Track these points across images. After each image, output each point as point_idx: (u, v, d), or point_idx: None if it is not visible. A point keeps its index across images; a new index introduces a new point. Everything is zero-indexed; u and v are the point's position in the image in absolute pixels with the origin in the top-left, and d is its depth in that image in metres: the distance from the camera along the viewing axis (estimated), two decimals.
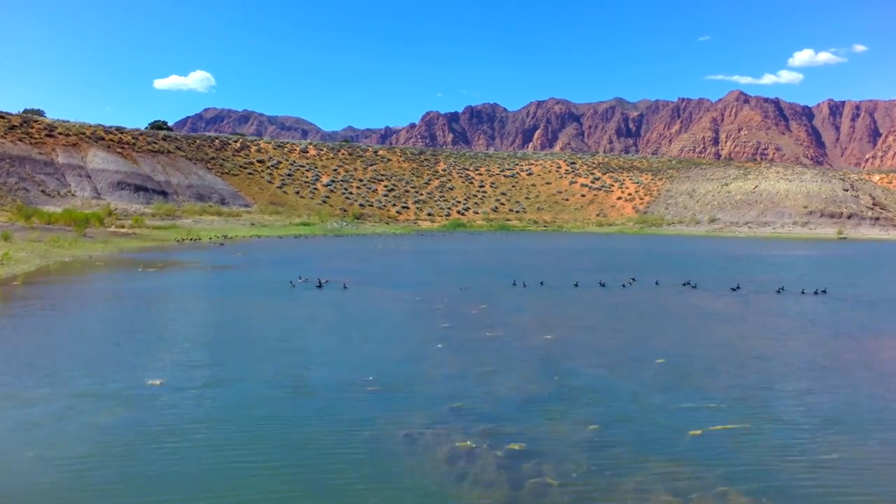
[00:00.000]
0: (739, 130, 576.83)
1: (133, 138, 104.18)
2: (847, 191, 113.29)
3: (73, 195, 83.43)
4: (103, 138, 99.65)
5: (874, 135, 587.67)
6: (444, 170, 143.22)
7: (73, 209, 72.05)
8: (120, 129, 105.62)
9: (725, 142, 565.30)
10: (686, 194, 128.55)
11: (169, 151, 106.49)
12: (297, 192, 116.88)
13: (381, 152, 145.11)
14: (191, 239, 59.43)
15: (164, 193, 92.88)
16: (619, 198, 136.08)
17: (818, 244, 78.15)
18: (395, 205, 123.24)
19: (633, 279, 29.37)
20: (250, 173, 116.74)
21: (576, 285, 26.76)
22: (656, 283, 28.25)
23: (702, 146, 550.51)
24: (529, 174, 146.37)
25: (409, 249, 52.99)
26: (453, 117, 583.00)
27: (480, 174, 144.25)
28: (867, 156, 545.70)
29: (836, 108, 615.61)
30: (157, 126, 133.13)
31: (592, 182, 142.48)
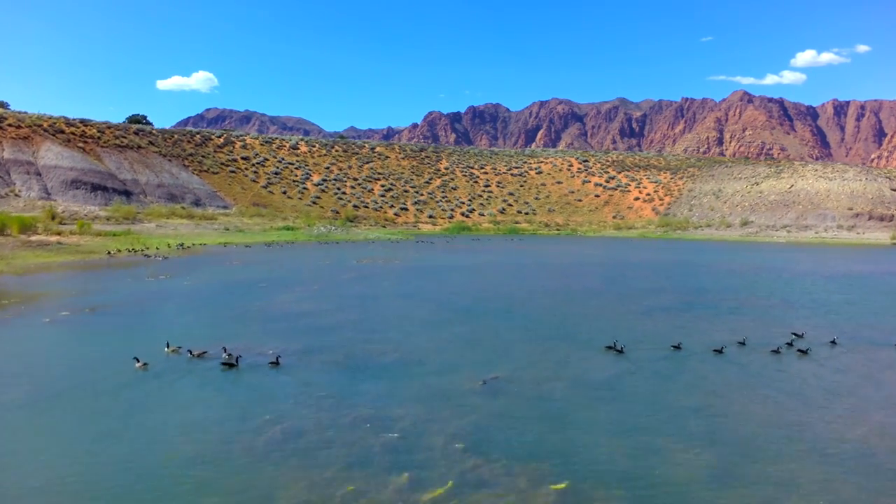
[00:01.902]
0: (744, 130, 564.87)
1: (99, 132, 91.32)
2: (895, 191, 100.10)
3: (16, 195, 70.57)
4: (63, 131, 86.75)
5: (879, 135, 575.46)
6: (446, 168, 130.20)
7: (7, 212, 59.46)
8: (85, 122, 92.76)
9: (730, 142, 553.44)
10: (711, 194, 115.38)
11: (139, 146, 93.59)
12: (285, 192, 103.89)
13: (378, 149, 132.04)
14: (132, 250, 46.55)
15: (127, 193, 79.97)
16: (637, 198, 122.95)
17: (882, 252, 65.10)
18: (392, 206, 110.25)
19: (798, 335, 16.82)
20: (232, 171, 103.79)
21: (719, 351, 14.24)
22: (833, 343, 15.68)
23: (706, 146, 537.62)
24: (539, 173, 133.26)
25: (404, 266, 40.05)
26: (456, 117, 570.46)
27: (486, 173, 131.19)
28: (872, 156, 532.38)
29: (840, 108, 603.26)
30: (136, 120, 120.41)
31: (607, 181, 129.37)
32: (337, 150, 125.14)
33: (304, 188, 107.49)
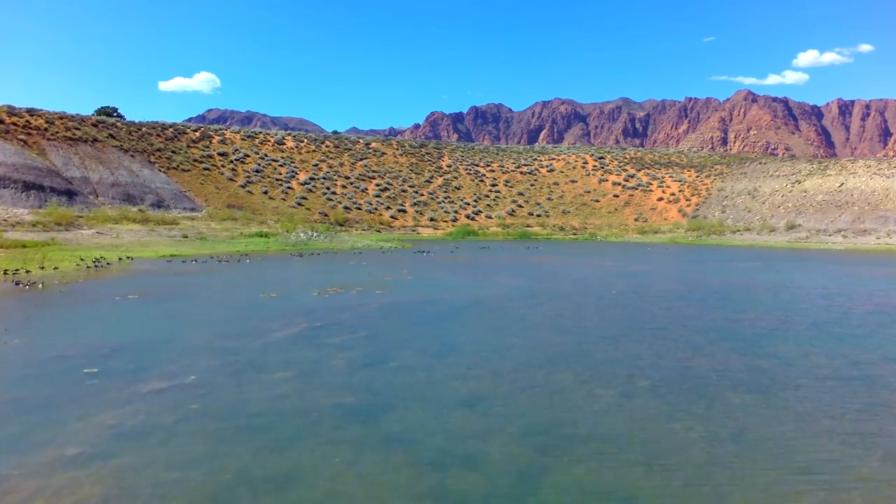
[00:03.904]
0: (748, 130, 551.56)
1: (47, 122, 77.44)
2: None
3: None
4: (3, 121, 72.97)
5: (885, 134, 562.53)
6: (448, 165, 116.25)
7: None
8: (32, 111, 78.90)
9: (734, 141, 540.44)
10: (746, 194, 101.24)
11: (96, 140, 79.68)
12: (266, 193, 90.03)
13: (373, 144, 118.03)
14: (11, 271, 32.54)
15: (70, 194, 66.06)
16: (661, 199, 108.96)
17: None
18: (388, 207, 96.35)
19: None
20: (206, 168, 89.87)
21: None
22: None
23: (710, 146, 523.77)
24: (551, 170, 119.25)
25: (387, 302, 26.15)
26: (458, 118, 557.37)
27: (492, 171, 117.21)
28: (878, 155, 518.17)
29: (845, 108, 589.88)
30: (106, 112, 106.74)
31: (626, 180, 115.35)
32: (327, 146, 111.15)
33: (289, 187, 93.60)
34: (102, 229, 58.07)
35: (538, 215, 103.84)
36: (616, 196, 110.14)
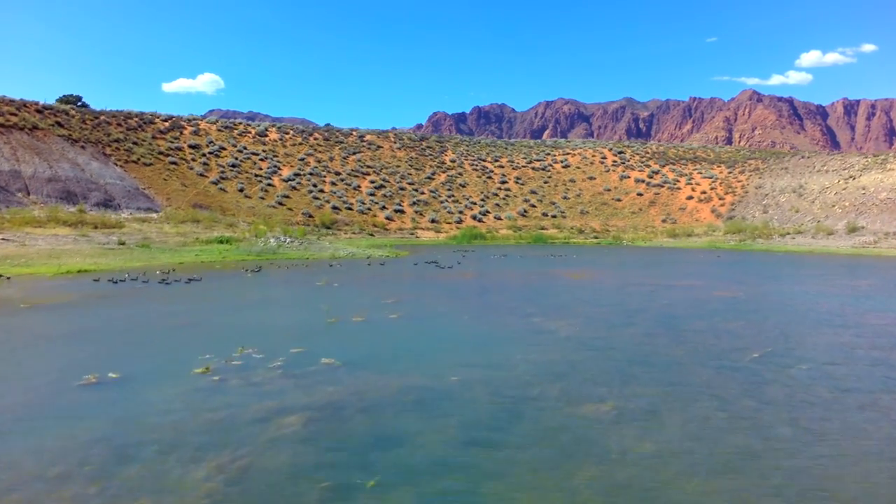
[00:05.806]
0: (753, 130, 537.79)
1: None
2: None
3: None
4: None
5: (890, 133, 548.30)
6: (452, 161, 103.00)
7: None
8: None
9: (739, 141, 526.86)
10: (791, 192, 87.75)
11: (36, 127, 66.59)
12: (241, 190, 76.86)
13: (368, 137, 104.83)
14: None
15: None
16: (690, 197, 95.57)
17: None
18: (384, 207, 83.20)
19: None
20: (174, 162, 76.76)
21: None
22: None
23: (715, 145, 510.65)
24: (566, 166, 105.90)
25: (325, 402, 13.32)
26: (461, 118, 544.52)
27: (501, 166, 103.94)
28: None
29: (850, 107, 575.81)
30: (68, 101, 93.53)
31: (650, 177, 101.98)
32: (316, 139, 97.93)
33: (269, 184, 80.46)
34: (15, 234, 44.87)
35: (553, 216, 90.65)
36: (640, 194, 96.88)
